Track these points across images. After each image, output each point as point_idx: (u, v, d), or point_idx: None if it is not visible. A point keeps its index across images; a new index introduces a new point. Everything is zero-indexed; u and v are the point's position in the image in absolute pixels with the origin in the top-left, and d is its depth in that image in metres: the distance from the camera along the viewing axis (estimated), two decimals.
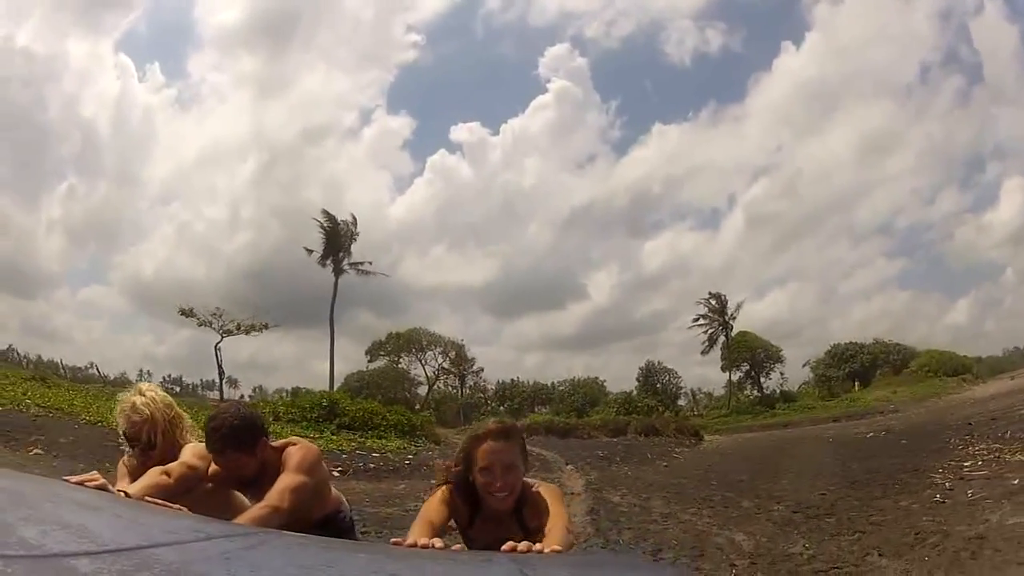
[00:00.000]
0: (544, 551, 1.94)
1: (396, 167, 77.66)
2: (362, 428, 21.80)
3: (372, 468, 15.89)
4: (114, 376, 39.78)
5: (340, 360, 41.97)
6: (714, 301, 46.84)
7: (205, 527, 1.78)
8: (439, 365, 47.04)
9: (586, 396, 47.26)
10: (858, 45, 59.84)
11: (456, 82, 72.50)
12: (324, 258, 41.92)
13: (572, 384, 49.09)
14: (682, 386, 49.31)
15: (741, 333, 46.46)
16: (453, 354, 46.89)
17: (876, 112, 59.29)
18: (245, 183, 61.83)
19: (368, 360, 46.32)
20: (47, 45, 63.96)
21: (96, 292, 62.05)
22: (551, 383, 50.34)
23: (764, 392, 45.98)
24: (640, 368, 48.37)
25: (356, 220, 42.77)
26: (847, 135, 61.70)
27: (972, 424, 17.98)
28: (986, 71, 62.88)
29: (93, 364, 44.01)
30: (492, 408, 46.38)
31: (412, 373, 46.93)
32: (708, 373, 59.02)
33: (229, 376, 40.72)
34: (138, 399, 3.13)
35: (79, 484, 2.12)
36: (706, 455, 22.96)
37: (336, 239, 41.86)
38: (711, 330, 46.73)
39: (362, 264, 42.34)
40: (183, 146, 64.73)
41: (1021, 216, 53.09)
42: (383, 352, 46.38)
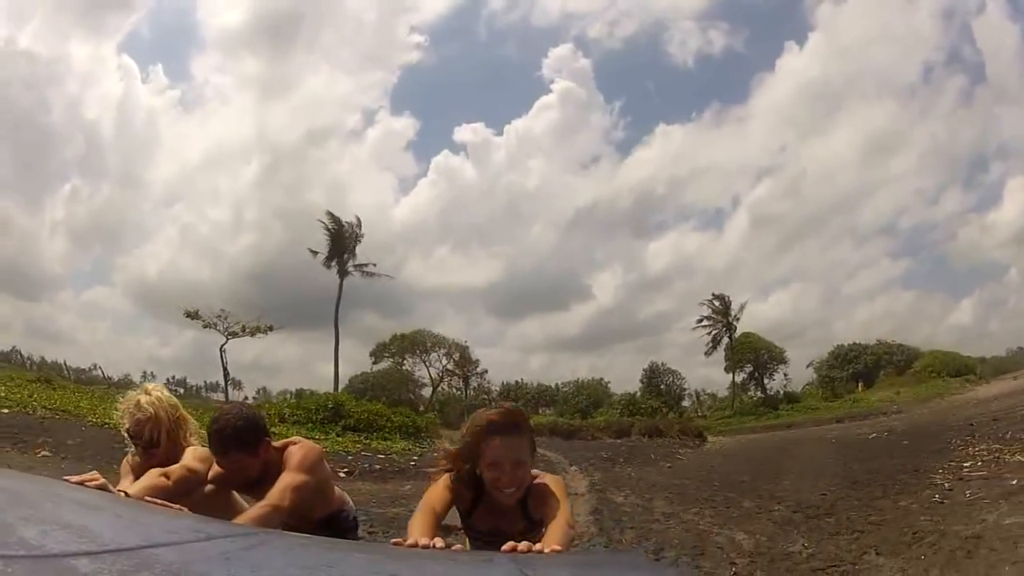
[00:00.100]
0: (544, 551, 1.93)
1: (400, 168, 77.68)
2: (367, 430, 21.80)
3: (378, 469, 15.88)
4: (118, 378, 39.60)
5: (344, 362, 41.85)
6: (718, 302, 46.64)
7: (205, 527, 1.78)
8: (443, 367, 46.74)
9: (590, 397, 46.98)
10: (861, 45, 59.82)
11: (459, 83, 72.51)
12: (329, 260, 41.72)
13: (576, 385, 48.81)
14: (686, 387, 48.97)
15: (745, 334, 46.19)
16: (457, 356, 46.60)
17: (879, 112, 59.10)
18: (249, 185, 61.60)
19: (372, 362, 46.24)
20: (49, 47, 64.43)
21: (100, 294, 62.53)
22: (555, 384, 50.14)
23: (768, 393, 45.68)
24: (644, 369, 48.14)
25: (361, 222, 42.68)
26: (851, 135, 61.50)
27: (974, 425, 17.88)
28: (989, 71, 62.85)
29: (97, 366, 43.99)
30: None
31: (416, 375, 46.69)
32: (712, 374, 58.81)
33: (233, 378, 40.64)
34: (143, 397, 3.16)
35: (79, 484, 2.12)
36: (709, 456, 22.87)
37: (341, 241, 41.66)
38: (715, 331, 46.54)
39: (367, 266, 42.25)
40: (186, 148, 64.55)
41: None
42: (387, 354, 46.17)
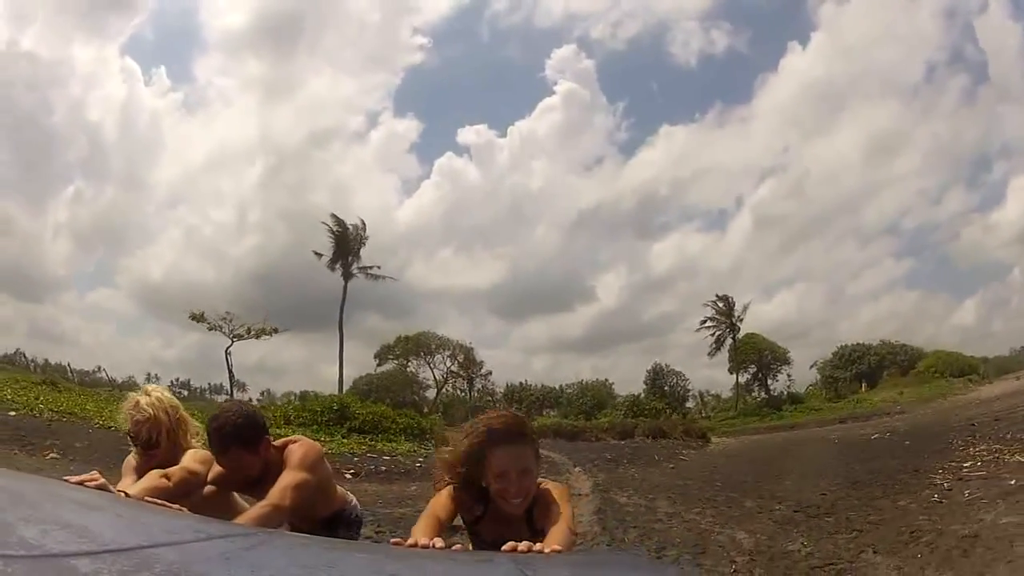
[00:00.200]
0: (545, 551, 1.93)
1: (403, 170, 77.53)
2: (372, 431, 21.89)
3: (384, 471, 15.96)
4: (122, 380, 39.66)
5: (347, 363, 41.67)
6: (721, 303, 46.63)
7: (205, 527, 1.77)
8: (448, 368, 46.78)
9: (594, 399, 46.82)
10: (864, 45, 59.84)
11: (463, 85, 73.23)
12: (333, 262, 41.66)
13: (580, 387, 48.70)
14: (690, 388, 49.05)
15: (748, 335, 46.18)
16: (462, 357, 46.58)
17: (882, 112, 59.15)
18: (252, 187, 61.81)
19: (377, 364, 46.23)
20: (52, 49, 64.92)
21: (103, 295, 62.94)
22: (559, 386, 50.09)
23: (771, 394, 45.66)
24: (648, 371, 48.16)
25: (365, 225, 42.58)
26: (854, 135, 61.58)
27: (975, 425, 17.94)
28: (991, 70, 62.86)
29: (101, 368, 44.23)
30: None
31: (421, 376, 46.76)
32: (716, 375, 58.57)
33: (237, 380, 40.71)
34: (143, 398, 3.18)
35: (79, 484, 2.12)
36: (712, 457, 22.91)
37: (345, 243, 41.58)
38: (718, 332, 46.54)
39: (371, 268, 42.17)
40: (190, 150, 65.12)
41: None
42: (392, 356, 46.17)
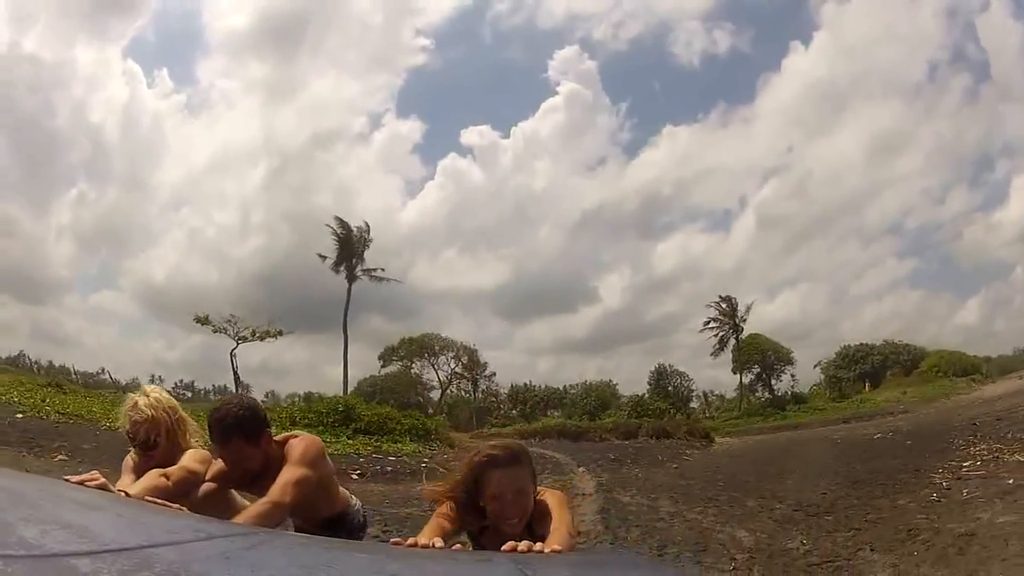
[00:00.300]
0: (544, 551, 1.94)
1: (407, 171, 77.03)
2: (377, 432, 21.99)
3: (389, 471, 16.05)
4: (125, 382, 39.60)
5: (351, 365, 41.87)
6: (724, 304, 46.68)
7: (206, 527, 1.77)
8: (452, 370, 47.11)
9: (598, 399, 46.74)
10: (866, 44, 59.51)
11: (465, 86, 73.07)
12: (338, 264, 41.81)
13: (584, 387, 48.65)
14: (693, 389, 49.08)
15: (752, 335, 46.22)
16: (465, 358, 46.83)
17: (885, 112, 58.92)
18: (255, 188, 62.10)
19: (381, 365, 46.43)
20: (54, 52, 64.59)
21: (106, 297, 63.03)
22: (563, 386, 50.05)
23: (775, 394, 45.71)
24: (651, 371, 48.26)
25: (369, 227, 42.68)
26: (856, 135, 61.27)
27: (977, 424, 17.94)
28: (993, 69, 62.83)
29: (104, 370, 44.17)
30: (505, 412, 46.24)
31: (425, 378, 47.09)
32: (719, 375, 58.36)
33: (242, 381, 40.73)
34: (141, 399, 3.18)
35: (79, 484, 2.12)
36: (715, 457, 22.86)
37: (349, 246, 41.69)
38: (722, 333, 46.57)
39: (375, 271, 42.31)
40: (193, 151, 65.18)
41: None
42: (396, 357, 46.37)
